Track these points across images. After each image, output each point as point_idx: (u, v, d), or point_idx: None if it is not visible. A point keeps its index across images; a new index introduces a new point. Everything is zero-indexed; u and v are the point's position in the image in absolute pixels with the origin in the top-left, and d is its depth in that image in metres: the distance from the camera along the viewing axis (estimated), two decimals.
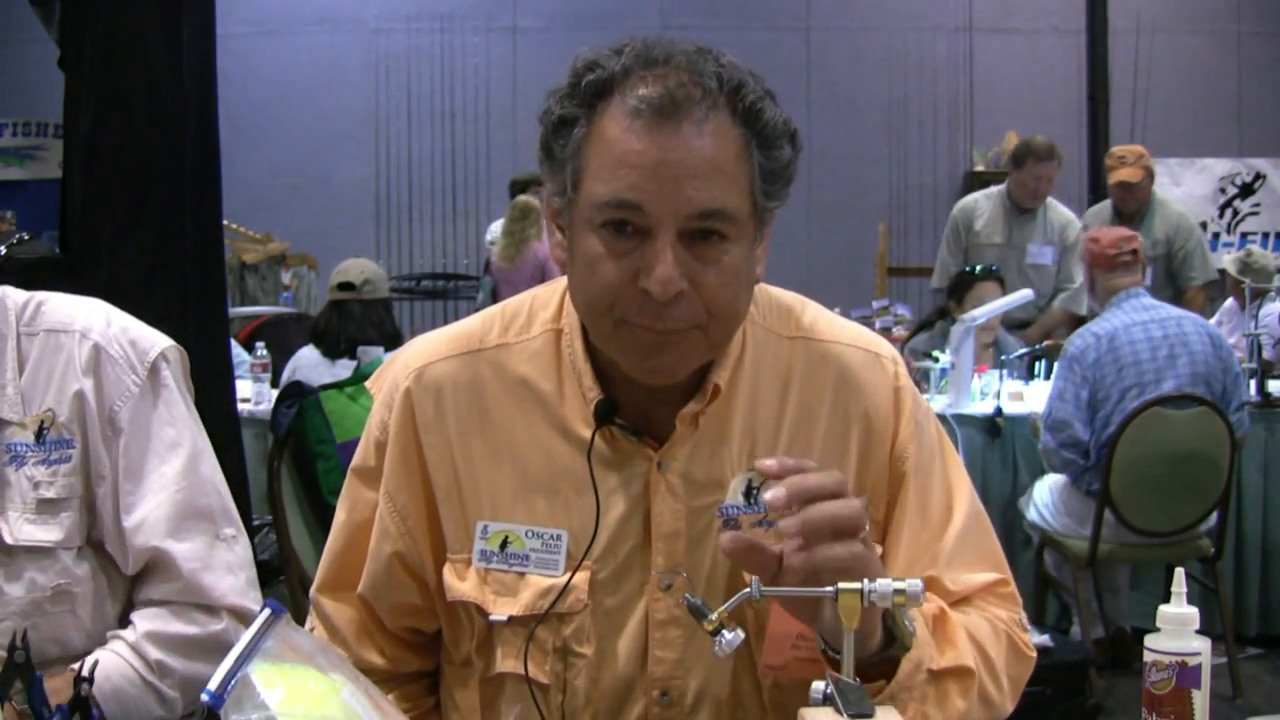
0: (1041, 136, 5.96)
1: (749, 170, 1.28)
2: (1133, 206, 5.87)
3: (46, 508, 1.64)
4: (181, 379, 1.75)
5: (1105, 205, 6.10)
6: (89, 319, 1.71)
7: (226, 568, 1.67)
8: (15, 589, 1.62)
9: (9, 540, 1.63)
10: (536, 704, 1.37)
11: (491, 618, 1.38)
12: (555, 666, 1.37)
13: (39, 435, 1.66)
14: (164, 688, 1.61)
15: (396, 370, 1.45)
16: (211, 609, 1.65)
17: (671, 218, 1.24)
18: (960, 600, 1.42)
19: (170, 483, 1.66)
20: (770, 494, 1.18)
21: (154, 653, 1.62)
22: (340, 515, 1.50)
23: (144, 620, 1.64)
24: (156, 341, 1.74)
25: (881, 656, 1.25)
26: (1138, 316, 4.20)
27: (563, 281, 1.43)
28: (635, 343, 1.29)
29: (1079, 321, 6.10)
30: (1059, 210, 6.03)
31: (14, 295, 1.73)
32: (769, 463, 1.20)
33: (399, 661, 1.49)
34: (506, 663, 1.38)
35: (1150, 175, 5.90)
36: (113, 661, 1.61)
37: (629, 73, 1.27)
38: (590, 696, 1.38)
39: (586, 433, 1.36)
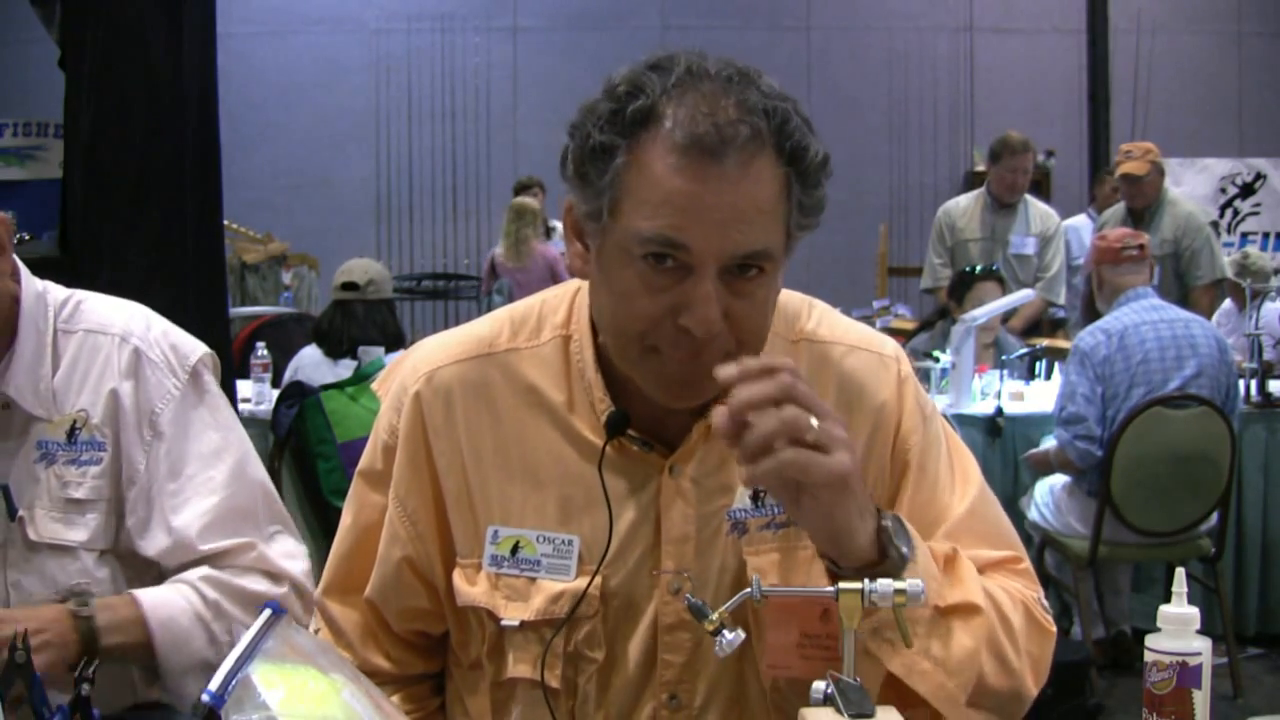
0: (1016, 132, 6.07)
1: (787, 207, 1.27)
2: (1141, 202, 5.89)
3: (73, 508, 1.65)
4: (218, 383, 1.76)
5: (1119, 206, 6.12)
6: (129, 323, 1.72)
7: (283, 555, 1.69)
8: (34, 584, 1.63)
9: (32, 536, 1.64)
10: (550, 709, 1.37)
11: (503, 623, 1.37)
12: (566, 671, 1.37)
13: (70, 435, 1.66)
14: (216, 628, 1.61)
15: (405, 373, 1.44)
16: (275, 576, 1.67)
17: (715, 258, 1.23)
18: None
19: (220, 487, 1.67)
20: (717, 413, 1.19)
21: (212, 593, 1.63)
22: (346, 518, 1.49)
23: (206, 569, 1.65)
24: (196, 346, 1.75)
25: (874, 571, 1.22)
26: (1147, 316, 4.20)
27: (573, 285, 1.43)
28: (665, 372, 1.29)
29: (1055, 310, 6.20)
30: (1038, 204, 6.18)
31: (55, 292, 1.74)
32: (729, 370, 1.19)
33: (404, 664, 1.49)
34: (519, 668, 1.38)
35: (1159, 171, 5.91)
36: (168, 593, 1.62)
37: (673, 102, 1.23)
38: (600, 700, 1.38)
39: (597, 441, 1.36)
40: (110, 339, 1.69)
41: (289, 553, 1.69)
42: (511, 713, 1.41)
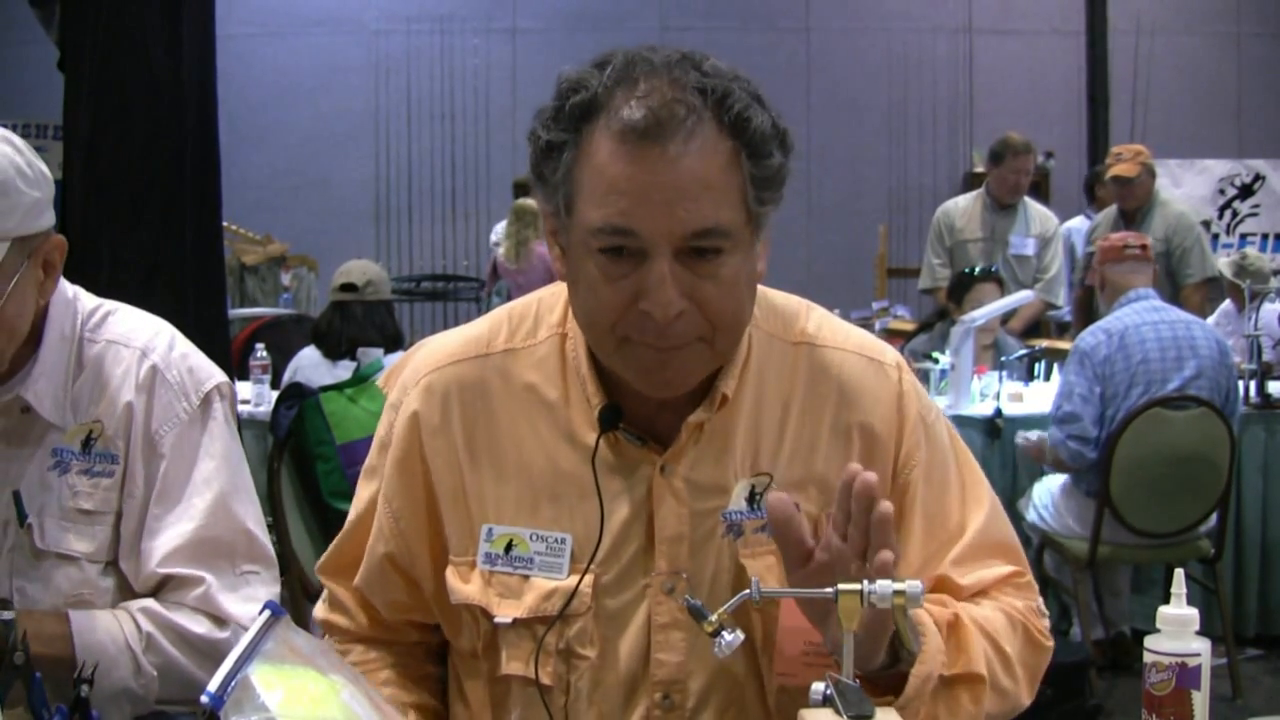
0: (1017, 133, 6.08)
1: (739, 180, 1.26)
2: (1132, 204, 5.94)
3: (82, 518, 1.65)
4: (230, 414, 1.75)
5: (1111, 209, 6.16)
6: (152, 339, 1.72)
7: (243, 598, 1.67)
8: (37, 591, 1.63)
9: (39, 544, 1.64)
10: (545, 706, 1.38)
11: (496, 620, 1.38)
12: (558, 668, 1.38)
13: (85, 445, 1.66)
14: (144, 660, 1.60)
15: (406, 375, 1.46)
16: (221, 621, 1.65)
17: (666, 239, 1.24)
18: (977, 593, 1.42)
19: (199, 515, 1.66)
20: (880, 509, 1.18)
21: (148, 625, 1.61)
22: (352, 511, 1.52)
23: (149, 601, 1.65)
24: (213, 374, 1.74)
25: (888, 670, 1.26)
26: (1148, 317, 4.20)
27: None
28: (639, 360, 1.30)
29: (1058, 313, 6.24)
30: (1037, 206, 6.21)
31: (85, 300, 1.74)
32: (870, 477, 1.19)
33: (400, 632, 1.52)
34: (512, 664, 1.39)
35: (1150, 173, 5.96)
36: (103, 618, 1.61)
37: (612, 93, 1.25)
38: (593, 699, 1.38)
39: (591, 438, 1.37)
40: (132, 352, 1.70)
41: (254, 597, 1.67)
42: (510, 710, 1.41)
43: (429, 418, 1.41)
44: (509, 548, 1.38)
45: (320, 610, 1.55)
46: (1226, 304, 6.19)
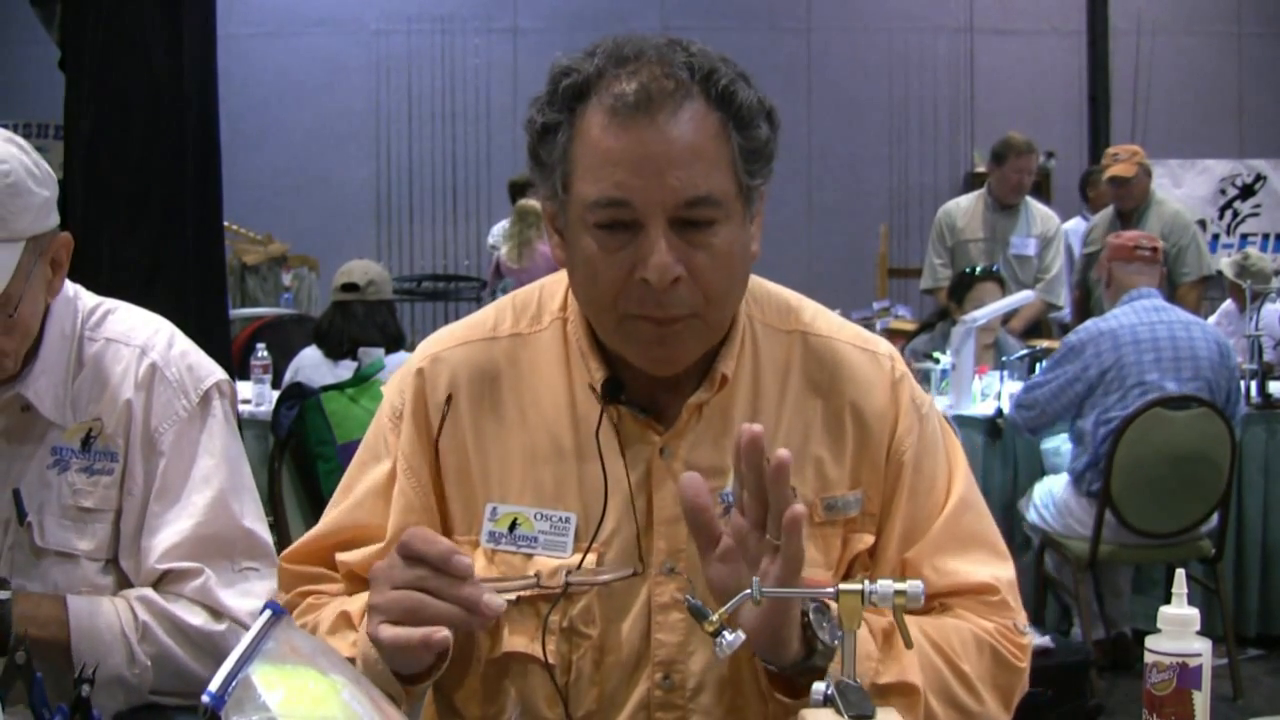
0: (1018, 133, 6.08)
1: (729, 152, 1.31)
2: (1129, 204, 5.96)
3: (82, 516, 1.65)
4: (230, 412, 1.76)
5: (1109, 210, 6.17)
6: (152, 336, 1.72)
7: (241, 593, 1.67)
8: (36, 589, 1.63)
9: (39, 542, 1.64)
10: (553, 681, 1.39)
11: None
12: (560, 647, 1.39)
13: (85, 443, 1.66)
14: (138, 649, 1.60)
15: (413, 359, 1.48)
16: (217, 614, 1.65)
17: (659, 208, 1.28)
18: (946, 595, 1.42)
19: (198, 512, 1.66)
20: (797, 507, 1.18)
21: (144, 614, 1.62)
22: (339, 501, 1.50)
23: (147, 590, 1.65)
24: (213, 371, 1.75)
25: (805, 666, 1.25)
26: (1147, 317, 4.21)
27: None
28: (640, 335, 1.33)
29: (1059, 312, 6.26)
30: (1038, 206, 6.23)
31: (85, 299, 1.74)
32: (755, 428, 1.19)
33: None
34: (514, 639, 1.40)
35: (1146, 172, 5.99)
36: (101, 604, 1.61)
37: (603, 73, 1.31)
38: (594, 678, 1.40)
39: (594, 415, 1.39)
40: (131, 350, 1.70)
41: (253, 592, 1.67)
42: (507, 690, 1.42)
43: (436, 394, 1.44)
44: (513, 526, 1.40)
45: (287, 596, 1.49)
46: (1228, 304, 6.19)
